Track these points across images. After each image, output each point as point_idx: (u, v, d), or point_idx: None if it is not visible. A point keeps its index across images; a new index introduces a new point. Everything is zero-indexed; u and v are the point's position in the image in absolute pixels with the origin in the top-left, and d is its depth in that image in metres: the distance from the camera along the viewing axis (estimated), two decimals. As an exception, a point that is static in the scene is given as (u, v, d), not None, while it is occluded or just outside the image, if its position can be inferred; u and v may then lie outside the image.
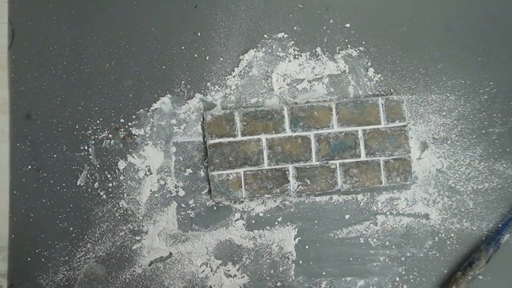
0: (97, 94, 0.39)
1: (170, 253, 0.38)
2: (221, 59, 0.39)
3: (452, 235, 0.38)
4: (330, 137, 0.37)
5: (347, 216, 0.38)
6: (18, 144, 0.39)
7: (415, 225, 0.38)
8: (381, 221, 0.38)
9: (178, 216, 0.38)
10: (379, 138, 0.37)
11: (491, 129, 0.38)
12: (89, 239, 0.38)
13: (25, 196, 0.38)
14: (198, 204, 0.38)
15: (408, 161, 0.37)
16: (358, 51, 0.39)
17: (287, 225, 0.38)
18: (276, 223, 0.38)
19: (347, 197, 0.38)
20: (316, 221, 0.38)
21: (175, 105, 0.39)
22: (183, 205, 0.38)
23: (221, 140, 0.36)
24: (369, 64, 0.39)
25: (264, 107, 0.37)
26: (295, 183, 0.36)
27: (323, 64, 0.39)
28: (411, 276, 0.38)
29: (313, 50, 0.39)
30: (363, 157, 0.36)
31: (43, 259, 0.38)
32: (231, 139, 0.36)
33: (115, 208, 0.38)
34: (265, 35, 0.39)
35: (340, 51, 0.39)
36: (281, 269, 0.37)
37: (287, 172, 0.37)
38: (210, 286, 0.37)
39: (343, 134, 0.37)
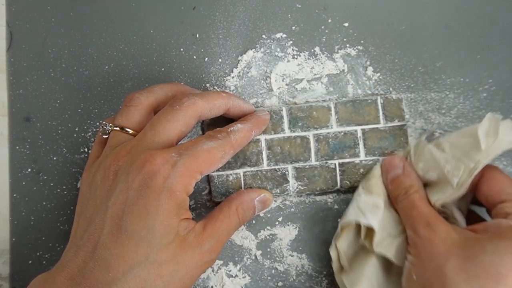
0: (96, 96, 0.39)
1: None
2: (220, 60, 0.39)
3: (453, 233, 0.38)
4: (329, 137, 0.36)
5: (347, 216, 0.38)
6: (17, 147, 0.39)
7: (416, 224, 0.38)
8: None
9: (179, 217, 0.38)
10: (378, 137, 0.36)
11: (491, 126, 0.38)
12: (90, 241, 0.38)
13: (25, 199, 0.38)
14: (199, 205, 0.38)
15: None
16: (356, 50, 0.39)
17: (288, 225, 0.38)
18: (277, 223, 0.38)
19: (347, 196, 0.38)
20: (316, 220, 0.38)
21: (174, 106, 0.39)
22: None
23: None
24: (368, 63, 0.39)
25: (262, 108, 0.37)
26: (295, 183, 0.36)
27: (322, 63, 0.39)
28: (412, 275, 0.38)
29: (312, 50, 0.39)
30: (362, 157, 0.36)
31: (44, 262, 0.38)
32: None
33: (116, 210, 0.38)
34: (263, 36, 0.39)
35: (339, 51, 0.39)
36: (282, 269, 0.37)
37: (286, 172, 0.36)
38: (212, 287, 0.37)
39: (342, 133, 0.36)
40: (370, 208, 0.32)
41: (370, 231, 0.32)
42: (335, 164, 0.36)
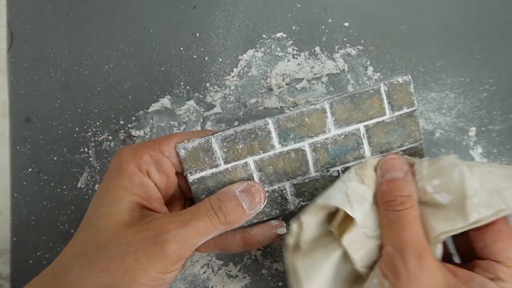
0: (96, 96, 0.39)
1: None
2: (220, 59, 0.39)
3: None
4: (328, 143, 0.32)
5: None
6: (18, 147, 0.39)
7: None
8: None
9: (179, 217, 0.38)
10: (385, 132, 0.32)
11: (491, 126, 0.38)
12: (90, 241, 0.38)
13: (25, 199, 0.38)
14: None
15: (420, 148, 0.32)
16: (357, 50, 0.39)
17: (288, 224, 0.38)
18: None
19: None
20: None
21: (174, 106, 0.39)
22: (183, 206, 0.38)
23: (202, 174, 0.31)
24: (368, 62, 0.39)
25: (244, 126, 0.31)
26: (295, 200, 0.33)
27: (322, 63, 0.39)
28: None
29: (312, 50, 0.39)
30: (368, 156, 0.32)
31: (44, 262, 0.38)
32: (214, 170, 0.31)
33: (116, 210, 0.38)
34: (263, 35, 0.39)
35: (339, 50, 0.39)
36: (282, 269, 0.37)
37: (284, 191, 0.32)
38: (212, 287, 0.37)
39: (343, 136, 0.32)
40: (358, 198, 0.28)
41: (347, 221, 0.29)
42: (338, 171, 0.32)
